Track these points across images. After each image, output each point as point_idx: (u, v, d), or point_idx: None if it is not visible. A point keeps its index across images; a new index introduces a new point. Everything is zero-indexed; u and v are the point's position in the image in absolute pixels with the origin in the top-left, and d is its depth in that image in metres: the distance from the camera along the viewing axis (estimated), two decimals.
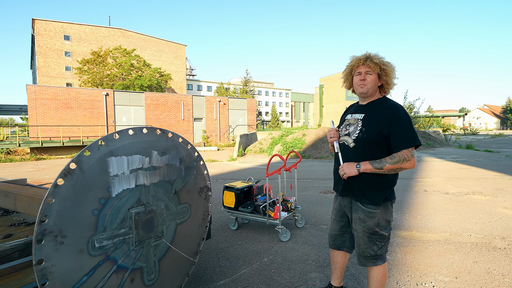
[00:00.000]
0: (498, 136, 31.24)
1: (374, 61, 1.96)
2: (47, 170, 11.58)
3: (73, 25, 36.04)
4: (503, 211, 4.82)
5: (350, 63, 2.08)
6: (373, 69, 1.97)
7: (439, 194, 6.07)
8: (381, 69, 1.98)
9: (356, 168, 1.92)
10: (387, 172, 1.88)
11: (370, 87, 2.00)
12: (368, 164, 1.89)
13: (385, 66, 1.97)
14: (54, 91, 20.38)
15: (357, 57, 2.04)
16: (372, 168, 1.88)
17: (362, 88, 2.02)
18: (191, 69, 67.36)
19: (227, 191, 4.16)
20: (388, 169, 1.86)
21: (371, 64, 1.96)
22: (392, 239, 3.68)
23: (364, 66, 1.99)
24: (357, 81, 2.04)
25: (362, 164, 1.91)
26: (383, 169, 1.87)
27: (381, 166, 1.86)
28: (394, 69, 2.02)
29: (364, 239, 2.00)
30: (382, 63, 1.97)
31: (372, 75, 1.99)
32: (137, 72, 30.38)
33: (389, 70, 1.99)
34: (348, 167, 1.95)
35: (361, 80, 2.01)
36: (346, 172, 1.95)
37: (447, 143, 19.36)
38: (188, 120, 25.90)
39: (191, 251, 2.31)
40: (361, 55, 2.04)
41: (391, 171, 1.88)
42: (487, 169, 9.28)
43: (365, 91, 2.02)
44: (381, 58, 1.99)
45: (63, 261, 1.48)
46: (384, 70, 1.98)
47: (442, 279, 2.72)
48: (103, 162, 1.66)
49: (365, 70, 1.99)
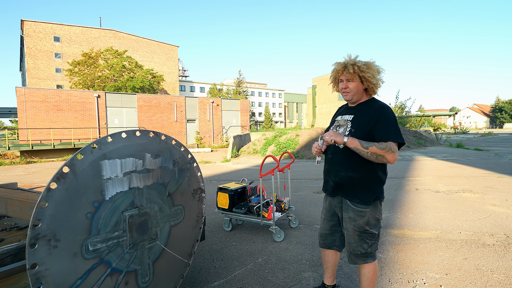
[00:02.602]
0: (488, 135, 31.78)
1: (350, 71, 1.97)
2: (38, 173, 11.42)
3: (63, 26, 35.63)
4: (492, 208, 4.92)
5: (332, 72, 2.11)
6: (352, 77, 1.99)
7: (430, 193, 6.17)
8: (361, 76, 1.99)
9: (344, 137, 1.89)
10: (369, 155, 1.84)
11: (353, 93, 2.04)
12: (356, 140, 1.87)
13: (364, 73, 1.96)
14: (44, 93, 20.11)
15: (336, 66, 2.07)
16: (358, 144, 1.85)
17: (346, 96, 2.07)
18: (184, 70, 67.10)
19: (221, 193, 4.17)
20: (372, 151, 1.83)
21: (348, 74, 1.99)
22: (384, 237, 3.74)
23: (343, 75, 2.03)
24: (341, 89, 2.09)
25: (350, 138, 1.89)
26: (367, 149, 1.84)
27: (367, 146, 1.84)
28: (377, 71, 2.01)
29: (355, 237, 2.04)
30: (360, 69, 1.96)
31: (353, 82, 2.02)
32: (129, 73, 30.16)
33: (369, 75, 1.97)
34: (336, 134, 1.92)
35: (343, 88, 2.05)
36: (332, 136, 1.90)
37: (438, 142, 19.63)
38: (181, 121, 25.79)
39: (185, 253, 2.32)
40: (340, 64, 2.04)
41: (373, 155, 1.84)
42: (477, 167, 9.45)
43: (349, 99, 2.08)
44: (359, 64, 1.97)
45: (56, 265, 1.48)
46: (363, 77, 1.98)
47: (433, 276, 2.78)
48: (96, 165, 1.66)
49: (346, 78, 2.03)
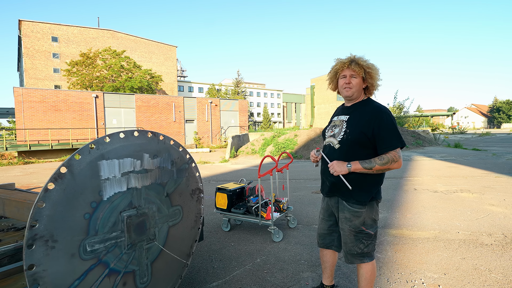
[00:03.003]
0: (486, 135, 31.89)
1: (359, 64, 1.99)
2: (35, 174, 11.38)
3: (61, 26, 35.50)
4: (490, 208, 4.94)
5: (335, 66, 2.09)
6: (357, 73, 2.00)
7: (428, 193, 6.19)
8: (366, 72, 2.01)
9: (347, 167, 1.93)
10: (375, 172, 1.92)
11: (355, 90, 2.03)
12: (358, 164, 1.91)
13: (370, 69, 2.00)
14: (42, 93, 20.04)
15: (342, 60, 2.06)
16: (362, 168, 1.91)
17: (347, 92, 2.05)
18: (182, 71, 66.96)
19: (219, 193, 4.16)
20: (377, 169, 1.90)
21: (356, 68, 1.99)
22: (383, 237, 3.74)
23: (349, 70, 2.02)
24: (342, 84, 2.06)
25: (353, 163, 1.92)
26: (372, 170, 1.90)
27: (370, 167, 1.90)
28: (378, 72, 2.05)
29: (351, 237, 2.04)
30: (367, 66, 2.00)
31: (357, 78, 2.02)
32: (127, 73, 30.09)
33: (374, 73, 2.02)
34: (339, 165, 1.94)
35: (346, 83, 2.04)
36: (337, 170, 1.94)
37: (436, 142, 19.69)
38: (179, 121, 25.76)
39: (183, 253, 2.31)
40: (346, 58, 2.06)
41: (379, 171, 1.92)
42: (474, 167, 9.48)
43: (350, 95, 2.05)
44: (366, 61, 2.02)
45: (54, 266, 1.47)
46: (369, 73, 2.01)
47: (431, 276, 2.78)
48: (94, 165, 1.65)
49: (350, 74, 2.02)
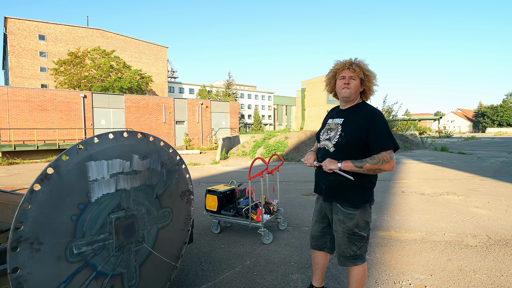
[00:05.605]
0: (471, 139, 32.60)
1: (360, 66, 2.03)
2: (20, 175, 11.09)
3: (48, 25, 34.81)
4: (475, 210, 5.05)
5: (334, 67, 2.12)
6: (357, 74, 2.03)
7: (416, 195, 6.29)
8: (365, 75, 2.05)
9: (337, 165, 1.95)
10: (366, 171, 1.93)
11: (353, 91, 2.06)
12: (349, 162, 1.93)
13: (369, 72, 2.05)
14: (28, 92, 19.58)
15: (341, 62, 2.09)
16: (352, 166, 1.92)
17: (345, 92, 2.06)
18: (173, 72, 66.47)
19: (209, 195, 4.14)
20: (368, 168, 1.91)
21: (356, 69, 2.02)
22: (371, 239, 3.79)
23: (349, 71, 2.04)
24: (341, 85, 2.08)
25: (344, 161, 1.95)
26: (363, 168, 1.91)
27: (361, 165, 1.91)
28: (376, 77, 2.10)
29: (344, 239, 2.06)
30: (366, 69, 2.05)
31: (355, 80, 2.05)
32: (117, 73, 29.68)
33: (372, 77, 2.07)
34: (330, 162, 1.98)
35: (345, 84, 2.06)
36: (328, 166, 1.97)
37: (423, 146, 20.04)
38: (169, 123, 25.55)
39: (173, 256, 2.29)
40: (346, 60, 2.09)
41: (370, 171, 1.93)
42: (460, 170, 9.69)
43: (348, 95, 2.07)
44: (365, 64, 2.07)
45: (39, 269, 1.44)
46: (368, 76, 2.05)
47: (418, 277, 2.83)
48: (82, 166, 1.63)
49: (349, 75, 2.04)
